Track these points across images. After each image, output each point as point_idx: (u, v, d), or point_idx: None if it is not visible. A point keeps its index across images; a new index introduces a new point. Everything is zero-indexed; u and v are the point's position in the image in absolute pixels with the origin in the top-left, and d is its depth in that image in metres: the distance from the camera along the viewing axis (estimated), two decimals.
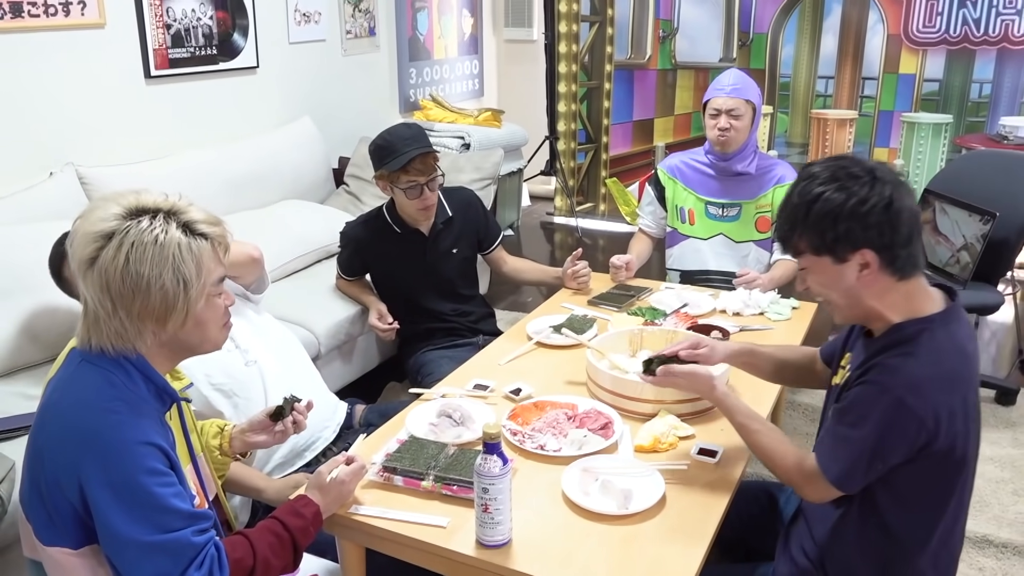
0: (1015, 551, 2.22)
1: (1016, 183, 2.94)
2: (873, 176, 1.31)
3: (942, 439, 1.30)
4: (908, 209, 1.31)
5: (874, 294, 1.36)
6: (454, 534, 1.43)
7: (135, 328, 1.22)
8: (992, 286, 2.93)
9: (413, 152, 2.36)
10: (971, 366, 1.37)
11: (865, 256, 1.32)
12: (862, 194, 1.30)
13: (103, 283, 1.19)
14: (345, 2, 4.22)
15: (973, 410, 1.36)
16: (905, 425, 1.29)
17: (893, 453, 1.32)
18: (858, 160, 1.35)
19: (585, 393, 1.92)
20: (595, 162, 6.05)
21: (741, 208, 2.74)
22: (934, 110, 6.09)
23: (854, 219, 1.30)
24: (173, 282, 1.20)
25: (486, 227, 2.70)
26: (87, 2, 2.89)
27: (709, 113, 2.66)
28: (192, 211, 1.25)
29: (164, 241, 1.20)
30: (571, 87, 5.58)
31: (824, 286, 1.40)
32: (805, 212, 1.34)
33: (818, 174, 1.34)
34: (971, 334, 1.41)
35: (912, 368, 1.30)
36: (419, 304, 2.60)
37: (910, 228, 1.32)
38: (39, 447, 1.22)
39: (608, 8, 5.78)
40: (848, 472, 1.35)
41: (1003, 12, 5.77)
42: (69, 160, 2.84)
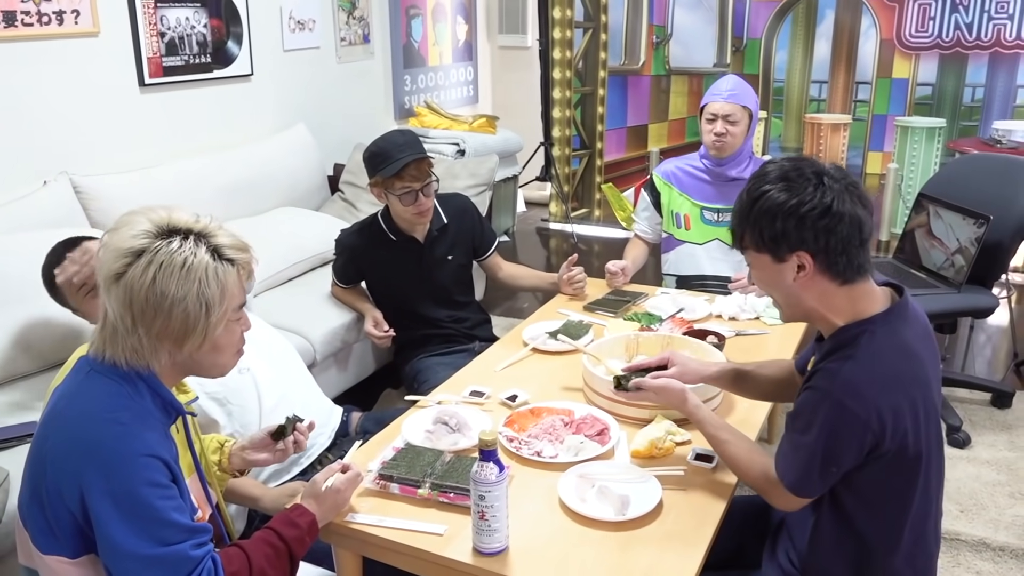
0: (1012, 554, 2.22)
1: (1010, 186, 2.95)
2: (820, 180, 1.32)
3: (889, 440, 1.31)
4: (850, 215, 1.31)
5: (814, 296, 1.37)
6: (451, 542, 1.43)
7: (152, 346, 1.23)
8: (987, 289, 2.93)
9: (407, 158, 2.36)
10: (916, 364, 1.35)
11: (802, 258, 1.33)
12: (804, 196, 1.31)
13: (127, 299, 1.19)
14: (339, 9, 4.23)
15: (925, 408, 1.35)
16: (849, 428, 1.31)
17: (843, 457, 1.33)
18: (812, 163, 1.35)
19: (581, 399, 1.92)
20: (590, 168, 6.06)
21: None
22: (927, 114, 6.11)
23: (791, 220, 1.31)
24: (196, 305, 1.21)
25: (481, 233, 2.70)
26: (81, 11, 2.89)
27: (706, 118, 2.66)
28: (221, 235, 1.26)
29: (192, 264, 1.20)
30: (565, 93, 5.59)
31: (765, 283, 1.42)
32: (750, 208, 1.36)
33: (769, 172, 1.36)
34: (922, 332, 1.40)
35: (850, 371, 1.31)
36: (415, 311, 2.59)
37: (849, 234, 1.31)
38: (42, 455, 1.22)
39: (602, 14, 5.79)
40: (801, 478, 1.37)
41: (995, 17, 5.80)
42: (63, 169, 2.84)
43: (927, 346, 1.40)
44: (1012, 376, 3.32)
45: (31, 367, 2.29)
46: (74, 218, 2.72)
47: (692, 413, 1.58)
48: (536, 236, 5.48)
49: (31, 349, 2.26)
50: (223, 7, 3.48)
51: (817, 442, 1.33)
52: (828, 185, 1.31)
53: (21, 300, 2.29)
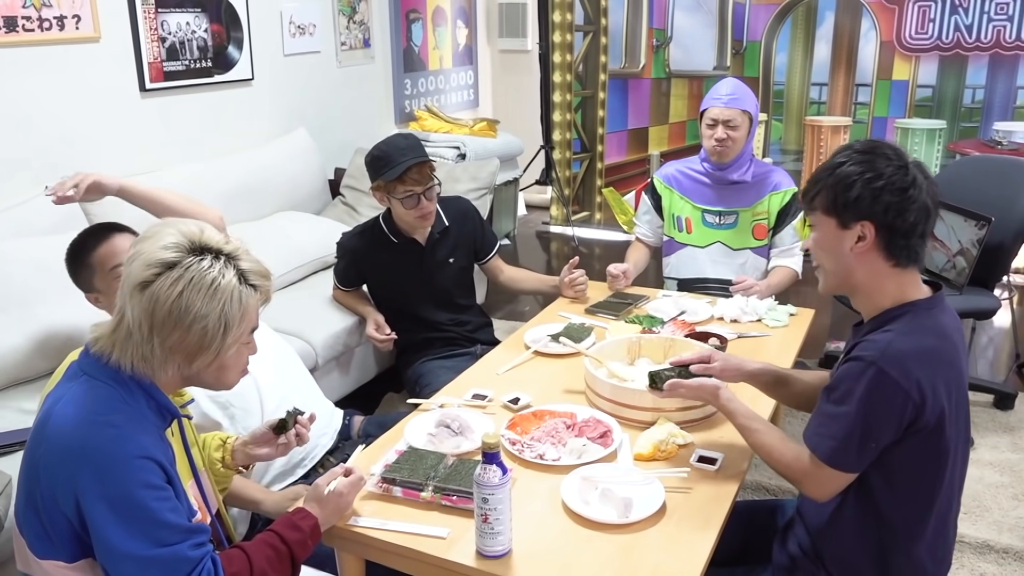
0: (1016, 556, 2.21)
1: (1011, 188, 2.95)
2: (903, 163, 1.37)
3: (928, 414, 1.32)
4: (922, 203, 1.36)
5: (865, 271, 1.40)
6: (454, 545, 1.43)
7: (163, 357, 1.24)
8: (989, 291, 2.93)
9: (409, 162, 2.36)
10: (953, 350, 1.38)
11: (865, 228, 1.37)
12: (885, 171, 1.36)
13: (150, 308, 1.20)
14: (340, 14, 4.23)
15: (958, 393, 1.38)
16: (890, 397, 1.32)
17: (882, 429, 1.34)
18: (897, 148, 1.41)
19: (584, 402, 1.92)
20: (590, 171, 6.06)
21: (738, 216, 2.73)
22: (927, 116, 6.11)
23: (868, 189, 1.35)
24: (216, 324, 1.23)
25: (482, 237, 2.70)
26: (82, 16, 2.89)
27: (706, 123, 2.65)
28: (247, 260, 1.29)
29: (220, 284, 1.22)
30: (566, 96, 5.59)
31: (822, 247, 1.45)
32: (829, 172, 1.40)
33: (853, 145, 1.41)
34: (956, 325, 1.43)
35: (893, 343, 1.34)
36: (416, 314, 2.59)
37: (916, 220, 1.36)
38: (36, 460, 1.22)
39: (602, 18, 5.80)
40: (837, 450, 1.37)
41: (994, 18, 5.80)
42: (64, 174, 2.84)
43: (960, 338, 1.43)
44: (1014, 377, 3.32)
45: (34, 371, 2.28)
46: (75, 223, 2.71)
47: (725, 406, 1.59)
48: (537, 239, 5.48)
49: (34, 353, 2.26)
50: (224, 12, 3.48)
51: (857, 412, 1.34)
52: (911, 170, 1.37)
53: (24, 305, 2.29)
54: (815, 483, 1.42)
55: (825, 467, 1.38)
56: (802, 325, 2.38)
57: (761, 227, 2.72)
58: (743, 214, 2.73)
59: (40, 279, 2.30)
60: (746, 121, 2.63)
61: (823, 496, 1.43)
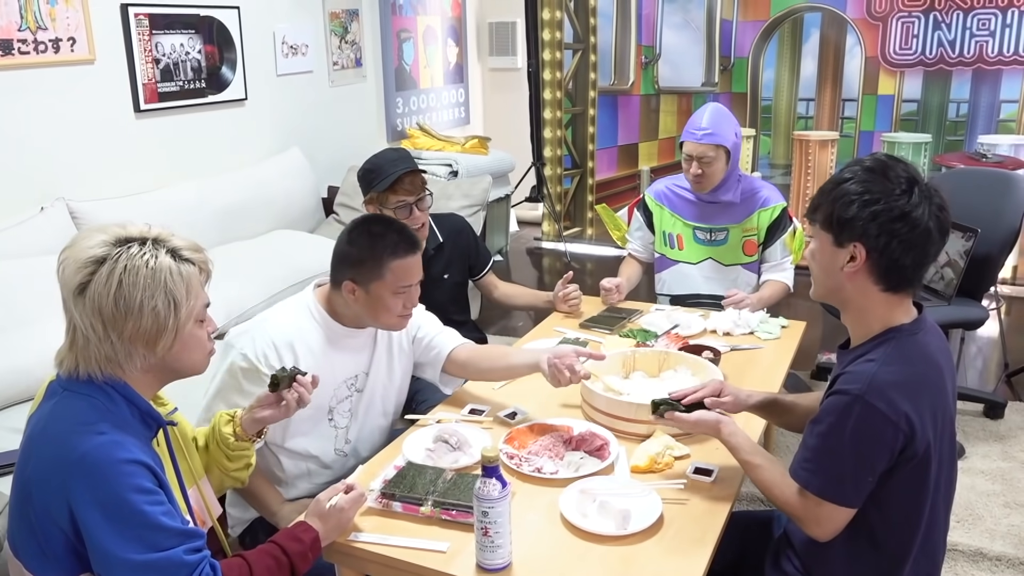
0: (1008, 563, 2.23)
1: (996, 200, 2.99)
2: (911, 187, 1.33)
3: (918, 443, 1.33)
4: (923, 231, 1.32)
5: (855, 290, 1.40)
6: (454, 559, 1.44)
7: (125, 350, 1.24)
8: (976, 301, 2.97)
9: (400, 171, 2.38)
10: (938, 374, 1.38)
11: (857, 250, 1.36)
12: (885, 195, 1.33)
13: (95, 307, 1.21)
14: (332, 34, 4.27)
15: (943, 418, 1.38)
16: (880, 430, 1.32)
17: (876, 460, 1.34)
18: (909, 169, 1.37)
19: (580, 415, 1.94)
20: (581, 187, 6.10)
21: (728, 232, 2.75)
22: (913, 130, 6.19)
23: (866, 210, 1.33)
24: (165, 304, 1.24)
25: (476, 253, 2.72)
26: (77, 39, 2.92)
27: (684, 155, 2.65)
28: (175, 239, 1.30)
29: (155, 265, 1.24)
30: (556, 113, 5.64)
31: (817, 260, 1.45)
32: (833, 186, 1.39)
33: (864, 160, 1.39)
34: (940, 345, 1.43)
35: (876, 374, 1.33)
36: None
37: (911, 248, 1.33)
38: (26, 479, 1.22)
39: (591, 36, 5.86)
40: (831, 482, 1.36)
41: (977, 34, 5.89)
42: (60, 195, 2.86)
43: (945, 358, 1.43)
44: (1003, 387, 3.35)
45: (30, 392, 2.28)
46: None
47: (727, 441, 1.56)
48: (528, 256, 5.50)
49: (31, 373, 2.25)
50: (217, 33, 3.51)
51: (849, 448, 1.33)
52: (916, 195, 1.33)
53: (20, 325, 2.30)
54: (816, 521, 1.39)
55: (824, 503, 1.37)
56: (794, 337, 2.41)
57: (751, 243, 2.75)
58: (733, 231, 2.75)
59: (37, 298, 2.31)
60: (722, 154, 2.61)
61: (825, 535, 1.40)
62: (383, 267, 1.78)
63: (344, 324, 1.87)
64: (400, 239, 1.82)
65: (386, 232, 1.82)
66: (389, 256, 1.78)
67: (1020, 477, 2.66)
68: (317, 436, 1.89)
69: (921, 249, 1.34)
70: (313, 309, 1.86)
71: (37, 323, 2.30)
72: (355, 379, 1.92)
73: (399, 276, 1.80)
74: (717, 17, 7.16)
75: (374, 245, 1.79)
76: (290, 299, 1.93)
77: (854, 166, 1.39)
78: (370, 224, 1.85)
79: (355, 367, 1.91)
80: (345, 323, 1.87)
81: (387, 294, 1.80)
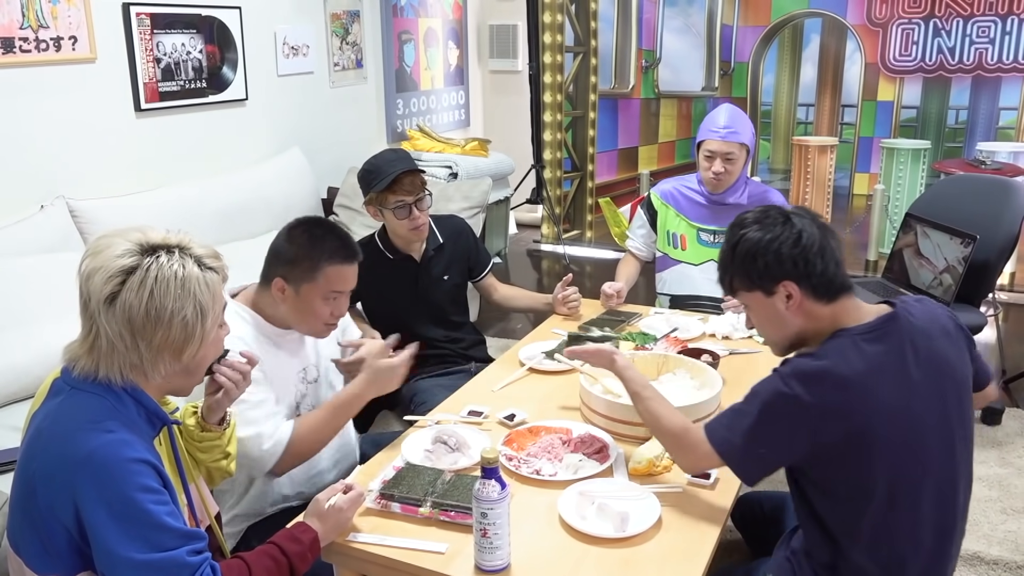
0: (1006, 567, 2.24)
1: (995, 206, 3.00)
2: (787, 218, 1.47)
3: (832, 433, 1.36)
4: (819, 242, 1.44)
5: (804, 320, 1.48)
6: (453, 560, 1.44)
7: (152, 359, 1.26)
8: (975, 307, 2.98)
9: (399, 170, 2.39)
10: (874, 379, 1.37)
11: (788, 287, 1.45)
12: (774, 233, 1.45)
13: (125, 317, 1.22)
14: (333, 35, 4.28)
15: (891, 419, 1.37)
16: (785, 409, 1.38)
17: (773, 439, 1.41)
18: (780, 209, 1.52)
19: (579, 418, 1.94)
20: (581, 190, 6.11)
21: None
22: (912, 136, 6.20)
23: (770, 255, 1.45)
24: (194, 314, 1.26)
25: (476, 255, 2.73)
26: (79, 37, 2.92)
27: (703, 154, 2.66)
28: (196, 247, 1.31)
29: (184, 276, 1.25)
30: (556, 116, 5.65)
31: (763, 320, 1.54)
32: (731, 254, 1.51)
33: (745, 220, 1.51)
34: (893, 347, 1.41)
35: (805, 362, 1.41)
36: (411, 331, 2.59)
37: (821, 257, 1.44)
38: (30, 475, 1.22)
39: (592, 39, 5.87)
40: (722, 434, 1.46)
41: (976, 41, 5.91)
42: (60, 193, 2.85)
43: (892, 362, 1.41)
44: (1001, 393, 3.36)
45: (30, 390, 2.28)
46: (71, 242, 2.73)
47: (621, 373, 1.71)
48: (528, 258, 5.51)
49: (30, 372, 2.26)
50: (218, 33, 3.52)
51: (756, 414, 1.41)
52: (794, 221, 1.47)
53: (20, 323, 2.30)
54: (687, 457, 1.53)
55: (704, 442, 1.47)
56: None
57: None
58: None
59: (37, 297, 2.31)
60: (743, 153, 2.65)
61: (690, 467, 1.55)
62: (317, 270, 1.76)
63: (273, 321, 1.84)
64: (340, 245, 1.80)
65: (327, 236, 1.80)
66: (326, 260, 1.76)
67: (1017, 483, 2.66)
68: None
69: (829, 253, 1.45)
70: (239, 310, 1.81)
71: (36, 322, 2.30)
72: (304, 372, 1.91)
73: (332, 281, 1.78)
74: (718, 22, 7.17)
75: (313, 246, 1.77)
76: None
77: (735, 231, 1.51)
78: (313, 226, 1.83)
79: (301, 361, 1.90)
80: (274, 324, 1.84)
81: (316, 298, 1.77)
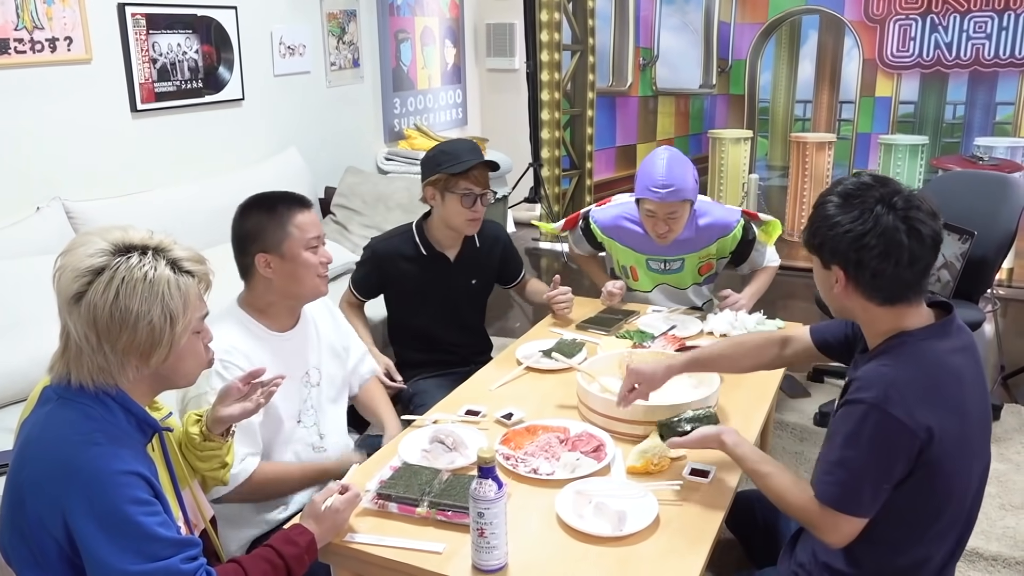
0: (1004, 563, 2.24)
1: (992, 202, 3.00)
2: (873, 207, 1.35)
3: (936, 446, 1.32)
4: (887, 244, 1.34)
5: (857, 307, 1.43)
6: (450, 559, 1.44)
7: (119, 362, 1.23)
8: (973, 303, 2.97)
9: (476, 161, 2.37)
10: (952, 378, 1.38)
11: (837, 272, 1.40)
12: (847, 218, 1.36)
13: (90, 318, 1.19)
14: (329, 34, 4.27)
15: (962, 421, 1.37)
16: (897, 438, 1.32)
17: (894, 469, 1.34)
18: (886, 185, 1.38)
19: (576, 416, 1.94)
20: (579, 188, 6.11)
21: (684, 261, 2.63)
22: (910, 132, 6.19)
23: (829, 235, 1.39)
24: (161, 318, 1.22)
25: (507, 264, 2.68)
26: (74, 38, 2.91)
27: (644, 212, 2.45)
28: (177, 249, 1.27)
29: (154, 278, 1.21)
30: (554, 114, 5.64)
31: (818, 280, 1.49)
32: (814, 211, 1.44)
33: (843, 182, 1.42)
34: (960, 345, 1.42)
35: (892, 382, 1.33)
36: (426, 330, 2.55)
37: (882, 262, 1.34)
38: (19, 486, 1.21)
39: (589, 37, 5.86)
40: (847, 495, 1.37)
41: (973, 36, 5.90)
42: (56, 195, 2.85)
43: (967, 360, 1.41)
44: (1000, 389, 3.35)
45: (24, 392, 2.27)
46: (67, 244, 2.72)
47: (732, 452, 1.57)
48: (526, 256, 5.50)
49: (26, 375, 2.25)
50: (214, 33, 3.51)
51: (867, 457, 1.34)
52: (879, 213, 1.34)
53: (14, 326, 2.30)
54: (829, 529, 1.40)
55: (838, 514, 1.38)
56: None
57: (707, 265, 2.67)
58: (689, 259, 2.62)
59: (34, 298, 2.31)
60: (686, 208, 2.44)
61: (839, 542, 1.41)
62: (286, 225, 1.80)
63: (273, 325, 1.85)
64: (290, 199, 1.85)
65: (273, 198, 1.86)
66: (287, 214, 1.81)
67: (1016, 479, 2.66)
68: (295, 442, 1.88)
69: (897, 255, 1.34)
70: (245, 320, 1.83)
71: (32, 324, 2.30)
72: (307, 375, 1.91)
73: (304, 229, 1.81)
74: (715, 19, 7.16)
75: (269, 209, 1.82)
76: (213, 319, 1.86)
77: (830, 189, 1.43)
78: (256, 199, 1.88)
79: (303, 364, 1.91)
80: (274, 322, 1.85)
81: (300, 250, 1.81)
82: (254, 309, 1.85)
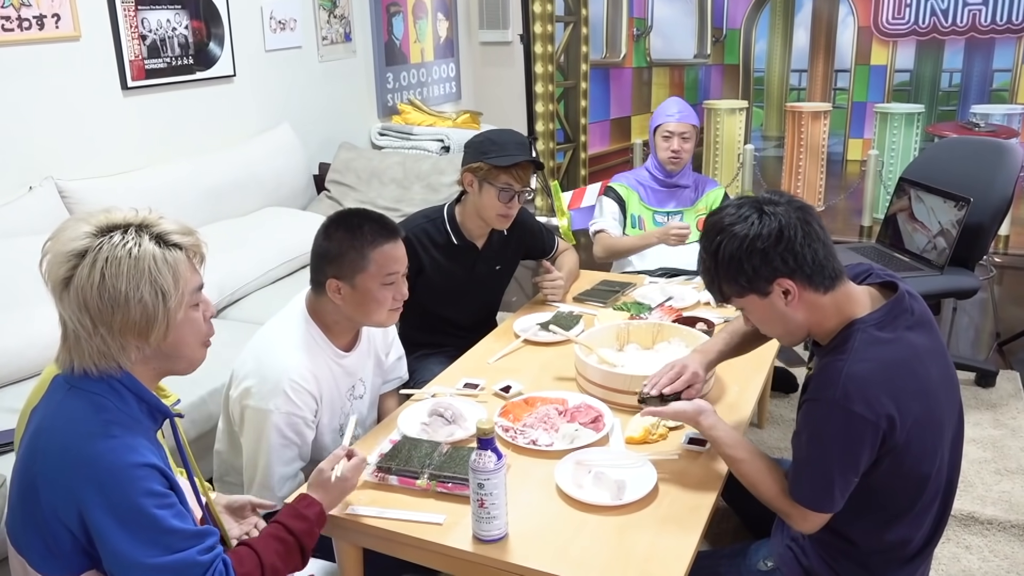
0: (1000, 527, 2.26)
1: (989, 169, 2.99)
2: (760, 211, 1.37)
3: (899, 434, 1.33)
4: (800, 229, 1.35)
5: (807, 312, 1.40)
6: (451, 530, 1.45)
7: (117, 344, 1.21)
8: (969, 271, 2.98)
9: (523, 158, 2.29)
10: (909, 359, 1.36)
11: (783, 284, 1.37)
12: (753, 232, 1.36)
13: (80, 302, 1.18)
14: (320, 8, 4.22)
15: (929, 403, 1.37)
16: (861, 432, 1.32)
17: (860, 462, 1.35)
18: (749, 200, 1.41)
19: (575, 388, 1.94)
20: (574, 161, 6.08)
21: (683, 215, 3.01)
22: (906, 100, 6.17)
23: (755, 256, 1.36)
24: (152, 294, 1.20)
25: (533, 240, 2.61)
26: (62, 15, 2.88)
27: (661, 135, 2.95)
28: (163, 223, 1.25)
29: (138, 254, 1.19)
30: (548, 87, 5.60)
31: (764, 321, 1.46)
32: (714, 264, 1.41)
33: (719, 222, 1.41)
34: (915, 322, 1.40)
35: (849, 375, 1.33)
36: (442, 313, 2.50)
37: (811, 246, 1.36)
38: (32, 476, 1.20)
39: (582, 8, 5.81)
40: (819, 495, 1.39)
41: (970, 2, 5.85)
42: (49, 174, 2.83)
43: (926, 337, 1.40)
44: (995, 355, 3.37)
45: (20, 373, 2.28)
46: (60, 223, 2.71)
47: (708, 433, 1.57)
48: None
49: (22, 355, 2.25)
50: (204, 8, 3.47)
51: (832, 453, 1.35)
52: (769, 212, 1.37)
53: (8, 307, 2.29)
54: (799, 520, 1.44)
55: (803, 511, 1.42)
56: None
57: (703, 220, 2.73)
58: (687, 213, 3.01)
59: (28, 279, 2.28)
60: (695, 133, 2.98)
61: (808, 531, 1.45)
62: (365, 257, 1.72)
63: (336, 342, 1.82)
64: (380, 227, 1.76)
65: (364, 222, 1.76)
66: (370, 245, 1.73)
67: (1011, 444, 2.68)
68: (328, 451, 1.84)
69: (813, 232, 1.36)
70: (314, 334, 1.79)
71: (27, 305, 2.29)
72: (353, 388, 1.90)
73: (383, 264, 1.74)
74: None
75: (353, 236, 1.73)
76: (286, 323, 1.82)
77: (709, 236, 1.42)
78: (347, 217, 1.80)
79: (352, 378, 1.89)
80: (337, 339, 1.82)
81: (374, 286, 1.74)
82: (321, 322, 1.81)
